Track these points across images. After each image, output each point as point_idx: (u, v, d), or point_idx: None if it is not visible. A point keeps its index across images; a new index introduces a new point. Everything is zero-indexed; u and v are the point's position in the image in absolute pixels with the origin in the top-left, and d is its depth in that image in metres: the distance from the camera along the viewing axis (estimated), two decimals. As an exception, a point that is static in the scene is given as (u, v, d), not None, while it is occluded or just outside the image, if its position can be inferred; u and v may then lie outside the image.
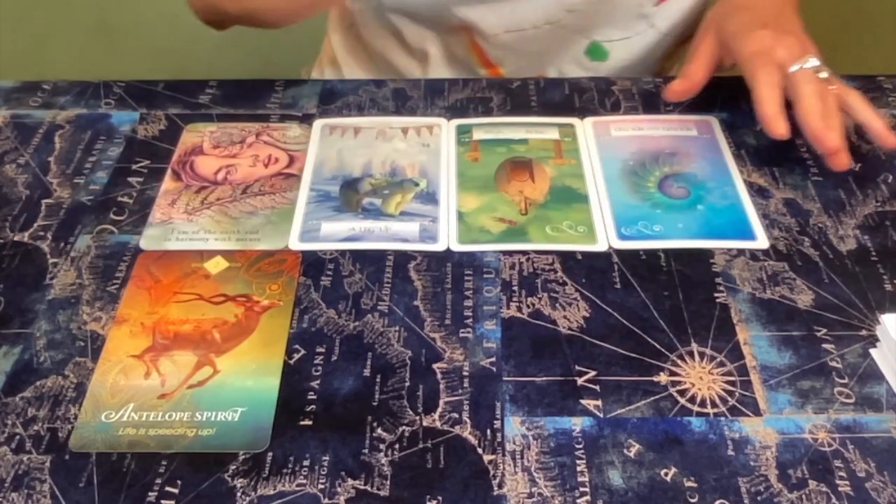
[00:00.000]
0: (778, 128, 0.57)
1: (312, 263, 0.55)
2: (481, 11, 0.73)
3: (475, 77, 0.73)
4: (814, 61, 0.60)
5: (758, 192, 0.60)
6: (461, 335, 0.50)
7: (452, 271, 0.54)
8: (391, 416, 0.46)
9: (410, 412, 0.47)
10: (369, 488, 0.43)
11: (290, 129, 0.65)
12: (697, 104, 0.66)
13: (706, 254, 0.55)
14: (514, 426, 0.46)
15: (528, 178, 0.61)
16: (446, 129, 0.65)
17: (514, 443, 0.45)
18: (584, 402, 0.47)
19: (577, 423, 0.46)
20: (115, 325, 0.51)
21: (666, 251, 0.55)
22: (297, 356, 0.49)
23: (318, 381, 0.48)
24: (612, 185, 0.60)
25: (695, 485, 0.43)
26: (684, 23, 0.76)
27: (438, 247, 0.56)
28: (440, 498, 0.43)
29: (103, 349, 0.50)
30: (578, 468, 0.44)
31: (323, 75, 0.88)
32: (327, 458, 0.44)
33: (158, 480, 0.44)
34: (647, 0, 0.74)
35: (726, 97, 0.67)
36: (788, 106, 0.59)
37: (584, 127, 0.65)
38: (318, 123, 0.66)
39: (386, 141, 0.64)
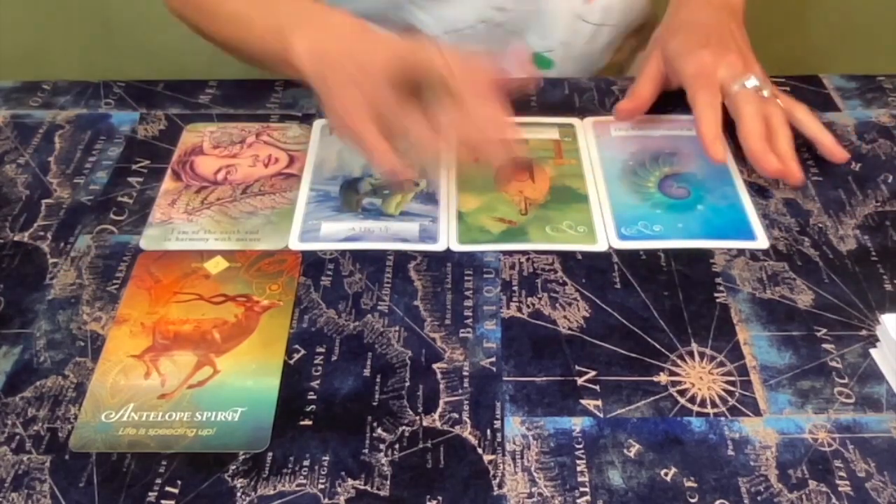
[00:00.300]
0: (716, 152, 0.57)
1: (312, 263, 0.55)
2: (419, 15, 0.74)
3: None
4: (754, 80, 0.59)
5: (758, 192, 0.60)
6: (461, 335, 0.50)
7: (452, 271, 0.54)
8: (391, 416, 0.46)
9: (410, 412, 0.47)
10: (369, 488, 0.43)
11: (290, 129, 0.65)
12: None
13: (706, 254, 0.55)
14: (514, 426, 0.46)
15: (528, 178, 0.61)
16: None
17: (514, 443, 0.45)
18: (584, 402, 0.47)
19: (577, 423, 0.46)
20: (115, 325, 0.51)
21: (666, 251, 0.55)
22: (297, 356, 0.49)
23: (318, 381, 0.48)
24: (612, 185, 0.60)
25: (695, 485, 0.43)
26: (622, 12, 0.76)
27: (438, 247, 0.56)
28: (440, 498, 0.43)
29: (103, 349, 0.50)
30: (578, 468, 0.44)
31: None
32: (327, 458, 0.44)
33: (158, 480, 0.44)
34: (578, 1, 0.74)
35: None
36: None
37: (584, 127, 0.65)
38: (318, 123, 0.66)
39: (386, 141, 0.64)
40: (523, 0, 0.73)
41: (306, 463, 0.44)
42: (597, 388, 0.48)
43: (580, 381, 0.48)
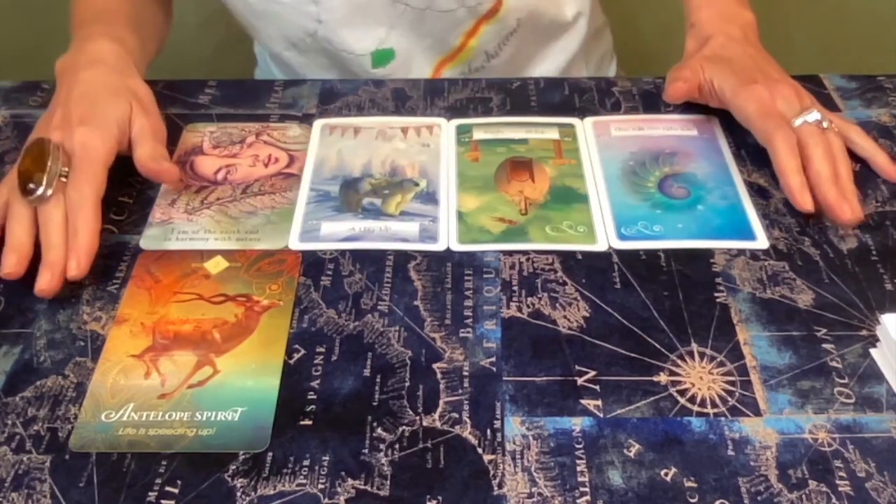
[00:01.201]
0: (805, 203, 0.56)
1: (312, 263, 0.55)
2: (263, 30, 0.76)
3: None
4: (815, 114, 0.59)
5: (758, 192, 0.60)
6: (461, 335, 0.50)
7: (452, 271, 0.54)
8: (391, 416, 0.46)
9: (410, 412, 0.47)
10: (369, 488, 0.43)
11: (290, 129, 0.65)
12: (698, 104, 0.66)
13: (706, 254, 0.55)
14: (514, 426, 0.46)
15: (528, 178, 0.61)
16: (446, 129, 0.65)
17: (514, 443, 0.45)
18: (584, 402, 0.47)
19: (577, 423, 0.46)
20: (115, 325, 0.51)
21: (666, 251, 0.55)
22: (297, 356, 0.49)
23: (318, 381, 0.48)
24: (612, 185, 0.60)
25: (695, 485, 0.43)
26: None
27: (438, 247, 0.56)
28: (440, 498, 0.43)
29: (103, 349, 0.50)
30: (578, 468, 0.44)
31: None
32: (327, 458, 0.44)
33: (158, 480, 0.44)
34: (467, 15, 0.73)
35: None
36: None
37: (584, 127, 0.65)
38: (318, 123, 0.66)
39: (386, 141, 0.64)
40: (332, 8, 0.71)
41: (306, 463, 0.44)
42: (597, 388, 0.48)
43: (580, 381, 0.48)
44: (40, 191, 0.53)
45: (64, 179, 0.54)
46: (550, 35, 0.82)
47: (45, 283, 0.52)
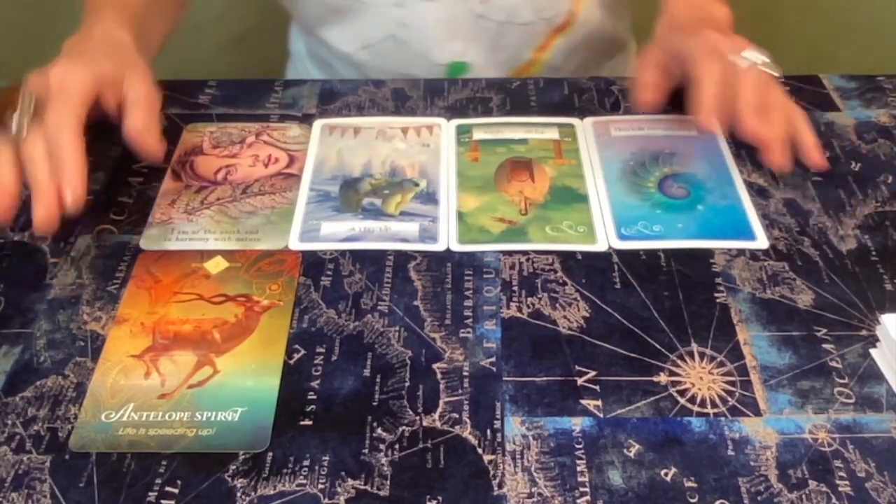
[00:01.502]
0: (708, 122, 0.56)
1: (312, 263, 0.55)
2: (334, 31, 0.76)
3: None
4: (758, 56, 0.59)
5: (758, 192, 0.60)
6: (461, 335, 0.50)
7: (452, 271, 0.54)
8: (391, 416, 0.46)
9: (410, 412, 0.47)
10: (369, 488, 0.43)
11: (290, 129, 0.65)
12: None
13: (706, 254, 0.55)
14: (514, 426, 0.46)
15: (528, 178, 0.61)
16: (446, 129, 0.65)
17: (514, 443, 0.45)
18: (584, 402, 0.47)
19: (577, 423, 0.46)
20: (115, 325, 0.51)
21: (666, 251, 0.55)
22: (297, 356, 0.49)
23: (318, 381, 0.48)
24: (612, 185, 0.60)
25: (695, 485, 0.43)
26: (530, 9, 0.75)
27: (438, 247, 0.56)
28: (440, 498, 0.43)
29: (103, 349, 0.50)
30: (578, 468, 0.44)
31: (286, 75, 0.90)
32: (327, 458, 0.44)
33: (158, 480, 0.44)
34: (475, 2, 0.74)
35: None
36: None
37: (584, 127, 0.65)
38: (318, 123, 0.66)
39: (386, 141, 0.64)
40: (419, 13, 0.73)
41: (306, 463, 0.44)
42: (597, 388, 0.48)
43: (580, 381, 0.48)
44: (14, 128, 0.52)
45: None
46: (606, 52, 0.85)
47: (41, 217, 0.50)
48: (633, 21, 0.87)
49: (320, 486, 0.43)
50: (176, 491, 0.43)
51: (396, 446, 0.45)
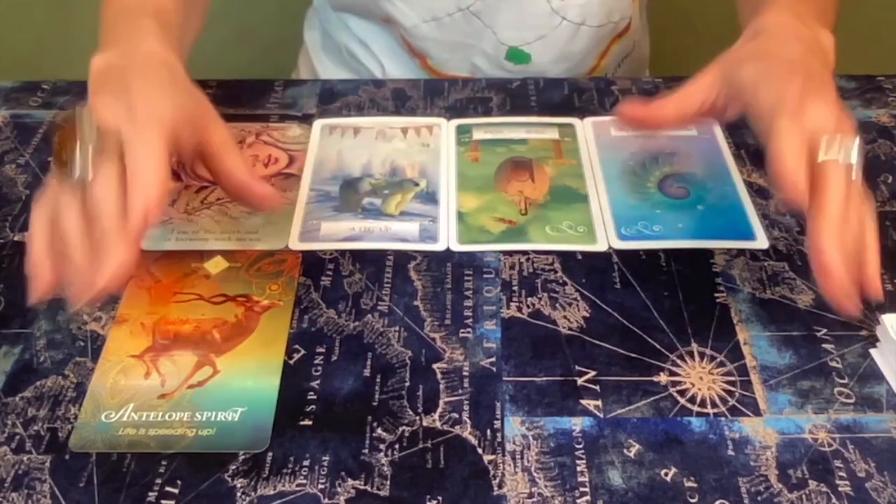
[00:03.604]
0: (795, 190, 0.44)
1: (312, 263, 0.55)
2: (398, 3, 0.74)
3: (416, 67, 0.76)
4: (854, 153, 0.45)
5: (758, 192, 0.60)
6: (461, 335, 0.50)
7: (452, 271, 0.54)
8: (391, 416, 0.46)
9: (410, 412, 0.47)
10: (369, 488, 0.43)
11: (290, 129, 0.65)
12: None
13: (706, 254, 0.55)
14: (514, 426, 0.46)
15: (528, 178, 0.61)
16: (446, 129, 0.65)
17: (514, 443, 0.45)
18: (584, 402, 0.47)
19: (577, 423, 0.46)
20: (115, 325, 0.51)
21: (666, 251, 0.55)
22: (297, 356, 0.49)
23: (318, 381, 0.48)
24: (611, 185, 0.60)
25: (695, 485, 0.43)
26: (603, 12, 0.75)
27: (438, 247, 0.56)
28: (440, 498, 0.43)
29: (103, 349, 0.50)
30: (578, 468, 0.44)
31: (300, 75, 0.89)
32: (327, 458, 0.44)
33: (158, 480, 0.44)
34: None
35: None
36: None
37: (584, 127, 0.65)
38: (318, 123, 0.66)
39: (386, 141, 0.64)
40: None
41: (306, 463, 0.44)
42: (597, 388, 0.48)
43: (580, 381, 0.48)
44: (77, 169, 0.42)
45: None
46: (643, 64, 0.86)
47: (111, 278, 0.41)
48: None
49: (320, 487, 0.43)
50: (176, 491, 0.43)
51: (396, 446, 0.45)
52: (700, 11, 1.13)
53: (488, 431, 0.46)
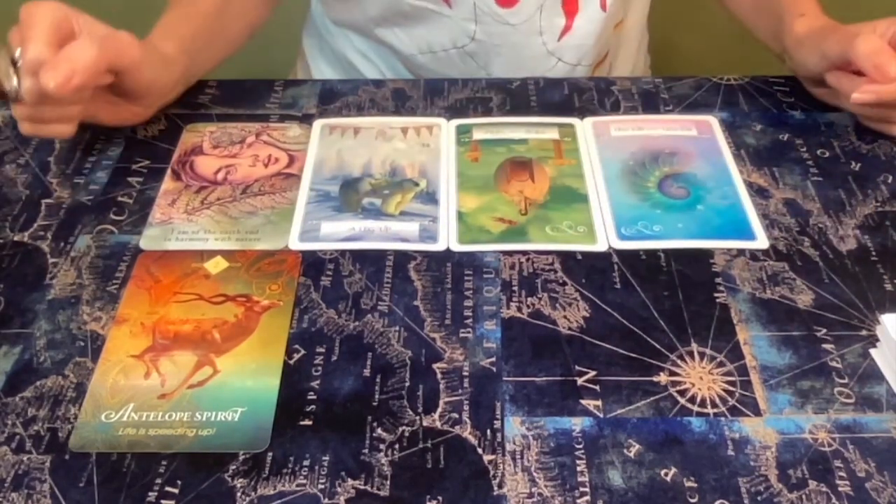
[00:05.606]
0: (889, 67, 0.55)
1: (312, 263, 0.55)
2: (397, 33, 0.75)
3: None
4: None
5: (758, 192, 0.60)
6: (461, 335, 0.50)
7: (452, 271, 0.54)
8: (391, 416, 0.46)
9: (410, 412, 0.47)
10: (369, 488, 0.43)
11: (290, 129, 0.65)
12: (697, 104, 0.66)
13: (706, 254, 0.55)
14: (514, 426, 0.46)
15: (528, 178, 0.61)
16: (446, 129, 0.65)
17: (514, 443, 0.45)
18: (584, 402, 0.47)
19: (577, 423, 0.46)
20: (115, 325, 0.51)
21: (666, 251, 0.55)
22: (297, 356, 0.49)
23: (318, 381, 0.48)
24: (611, 185, 0.60)
25: (695, 485, 0.43)
26: (595, 52, 0.76)
27: (438, 247, 0.56)
28: (440, 498, 0.43)
29: (103, 349, 0.50)
30: (578, 468, 0.44)
31: (297, 76, 0.90)
32: (327, 458, 0.44)
33: (158, 480, 0.44)
34: (550, 38, 0.74)
35: (726, 97, 0.68)
36: None
37: (584, 127, 0.65)
38: (318, 123, 0.66)
39: (386, 141, 0.64)
40: (492, 34, 0.73)
41: (306, 463, 0.44)
42: (597, 388, 0.48)
43: (580, 381, 0.48)
44: (8, 87, 0.53)
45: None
46: (643, 63, 0.89)
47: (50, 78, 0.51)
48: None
49: (320, 486, 0.43)
50: (176, 491, 0.43)
51: (396, 446, 0.45)
52: (700, 11, 1.13)
53: (488, 431, 0.46)
